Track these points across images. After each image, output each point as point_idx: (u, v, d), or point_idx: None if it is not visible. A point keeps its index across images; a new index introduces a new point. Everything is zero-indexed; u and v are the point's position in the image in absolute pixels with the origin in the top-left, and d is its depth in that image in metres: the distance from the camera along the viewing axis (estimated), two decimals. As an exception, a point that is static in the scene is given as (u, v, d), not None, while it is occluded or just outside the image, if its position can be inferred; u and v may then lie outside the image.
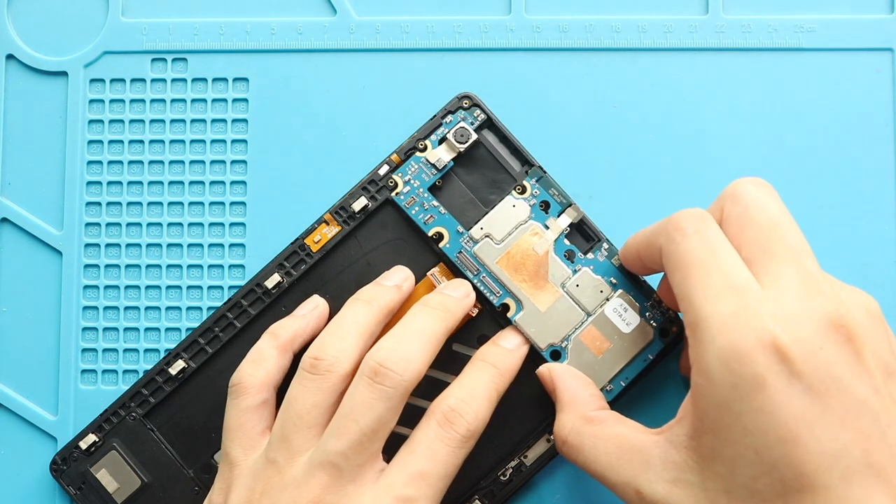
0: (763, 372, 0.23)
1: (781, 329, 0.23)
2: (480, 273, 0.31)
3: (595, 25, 0.33)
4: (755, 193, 0.26)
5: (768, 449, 0.23)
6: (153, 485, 0.32)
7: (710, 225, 0.26)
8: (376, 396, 0.27)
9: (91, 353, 0.33)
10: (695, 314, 0.24)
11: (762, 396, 0.23)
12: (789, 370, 0.23)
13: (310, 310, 0.32)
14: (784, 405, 0.23)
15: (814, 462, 0.22)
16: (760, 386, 0.23)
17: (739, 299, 0.24)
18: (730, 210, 0.26)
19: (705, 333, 0.24)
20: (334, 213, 0.32)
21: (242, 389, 0.29)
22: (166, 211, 0.34)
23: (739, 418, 0.23)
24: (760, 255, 0.25)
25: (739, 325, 0.23)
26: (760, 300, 0.24)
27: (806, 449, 0.22)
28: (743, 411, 0.23)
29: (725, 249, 0.25)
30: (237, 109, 0.34)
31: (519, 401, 0.31)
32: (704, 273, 0.25)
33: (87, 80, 0.34)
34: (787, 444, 0.22)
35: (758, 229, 0.25)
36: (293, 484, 0.27)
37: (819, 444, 0.22)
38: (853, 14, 0.33)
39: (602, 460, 0.27)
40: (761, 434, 0.23)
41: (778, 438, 0.23)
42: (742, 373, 0.23)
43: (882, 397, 0.23)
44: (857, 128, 0.33)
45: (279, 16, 0.34)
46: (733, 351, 0.23)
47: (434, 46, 0.34)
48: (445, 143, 0.32)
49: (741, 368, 0.23)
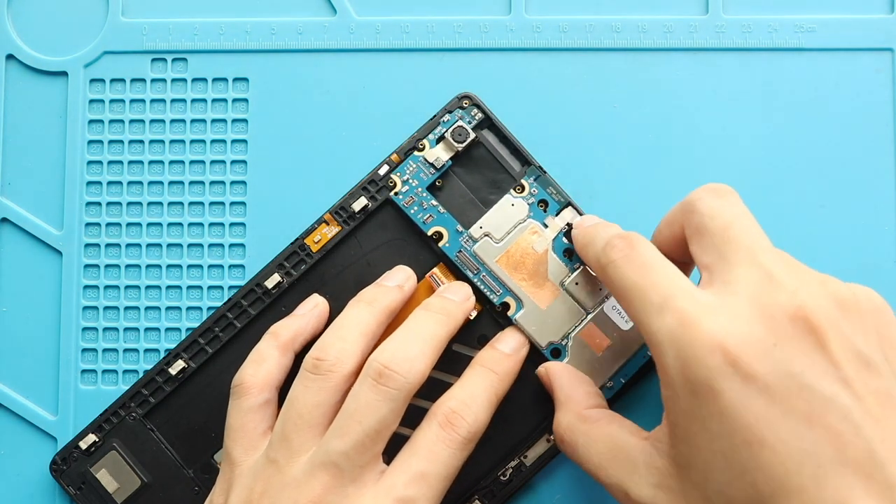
0: (715, 377, 0.22)
1: (727, 332, 0.23)
2: (480, 272, 0.31)
3: (595, 25, 0.33)
4: (708, 201, 0.26)
5: (735, 453, 0.22)
6: (153, 485, 0.32)
7: (637, 245, 0.26)
8: (380, 398, 0.27)
9: (91, 353, 0.33)
10: (645, 333, 0.25)
11: (719, 402, 0.22)
12: (742, 373, 0.22)
13: (310, 309, 0.32)
14: (742, 409, 0.22)
15: (782, 464, 0.22)
16: (715, 392, 0.22)
17: (682, 311, 0.23)
18: (688, 222, 0.26)
19: (658, 348, 0.24)
20: (334, 213, 0.32)
21: (244, 390, 0.29)
22: (166, 211, 0.34)
23: (704, 425, 0.23)
24: (716, 261, 0.25)
25: (685, 335, 0.23)
26: (706, 307, 0.23)
27: (773, 451, 0.22)
28: (705, 417, 0.23)
29: (658, 265, 0.25)
30: (237, 109, 0.34)
31: (519, 401, 0.31)
32: (641, 294, 0.25)
33: (87, 80, 0.34)
34: (752, 447, 0.22)
35: (711, 236, 0.25)
36: (293, 484, 0.27)
37: (785, 445, 0.22)
38: (853, 14, 0.33)
39: (594, 460, 0.27)
40: (727, 439, 0.22)
41: (743, 442, 0.22)
42: (695, 380, 0.23)
43: (854, 390, 0.22)
44: (857, 128, 0.33)
45: (279, 16, 0.34)
46: (684, 361, 0.23)
47: (434, 46, 0.34)
48: (443, 141, 0.32)
49: (694, 376, 0.23)
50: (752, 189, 0.32)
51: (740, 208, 0.26)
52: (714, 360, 0.22)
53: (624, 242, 0.26)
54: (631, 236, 0.26)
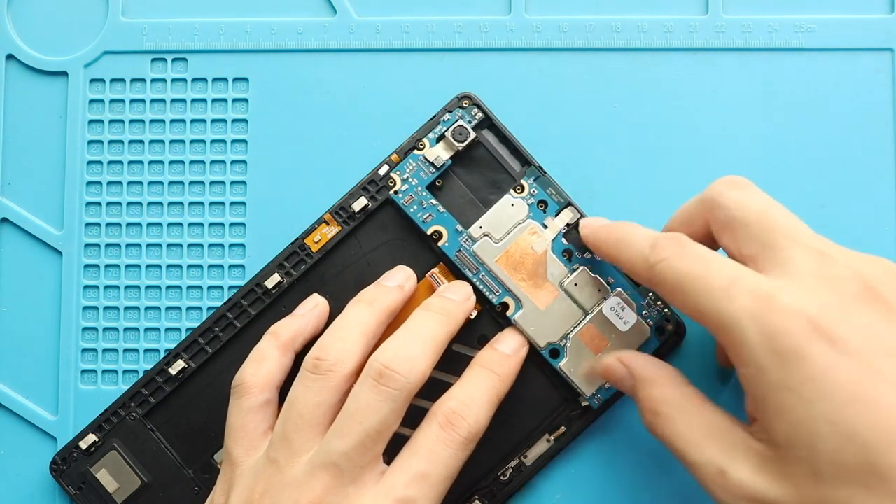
0: (803, 343, 0.23)
1: (804, 302, 0.23)
2: (479, 272, 0.31)
3: (595, 25, 0.33)
4: (731, 195, 0.26)
5: (839, 415, 0.22)
6: (153, 485, 0.32)
7: (687, 242, 0.26)
8: (381, 398, 0.27)
9: (91, 353, 0.33)
10: (718, 319, 0.24)
11: (811, 367, 0.23)
12: (827, 337, 0.23)
13: (310, 309, 0.32)
14: (835, 370, 0.22)
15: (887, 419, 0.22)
16: (804, 357, 0.23)
17: (754, 289, 0.24)
18: (714, 217, 0.26)
19: (735, 330, 0.24)
20: (334, 213, 0.32)
21: (245, 390, 0.29)
22: (166, 211, 0.34)
23: (800, 394, 0.23)
24: (762, 250, 0.25)
25: (765, 309, 0.23)
26: (775, 285, 0.24)
27: (876, 407, 0.22)
28: (800, 385, 0.23)
29: (714, 256, 0.25)
30: (237, 109, 0.34)
31: (519, 401, 0.31)
32: (704, 283, 0.25)
33: (87, 80, 0.34)
34: (856, 406, 0.22)
35: (747, 228, 0.25)
36: (294, 484, 0.27)
37: (886, 398, 0.22)
38: (853, 14, 0.33)
39: (692, 435, 0.26)
40: (827, 402, 0.22)
41: (844, 401, 0.22)
42: (783, 350, 0.23)
43: None
44: (857, 128, 0.33)
45: (279, 16, 0.34)
46: (768, 334, 0.23)
47: (434, 46, 0.34)
48: (443, 141, 0.32)
49: (781, 346, 0.23)
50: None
51: (765, 196, 0.26)
52: (799, 326, 0.23)
53: (672, 241, 0.26)
54: (677, 235, 0.26)
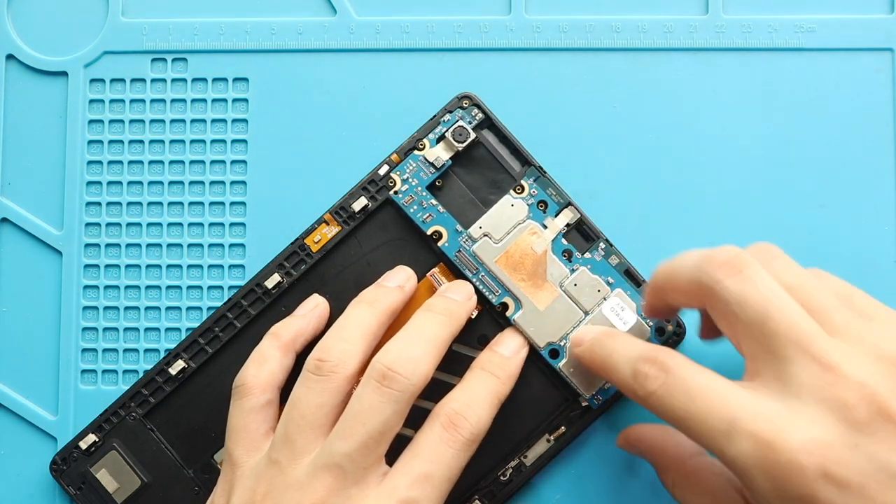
0: (812, 488, 0.22)
1: (808, 443, 0.22)
2: (479, 272, 0.31)
3: (595, 25, 0.33)
4: (729, 286, 0.24)
5: None
6: (153, 485, 0.32)
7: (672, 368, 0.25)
8: (384, 399, 0.27)
9: (91, 353, 0.33)
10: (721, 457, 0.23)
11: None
12: (834, 481, 0.22)
13: (310, 309, 0.32)
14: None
15: None
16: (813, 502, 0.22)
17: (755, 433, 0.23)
18: (711, 306, 0.25)
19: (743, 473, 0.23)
20: (334, 213, 0.32)
21: (246, 390, 0.29)
22: (166, 211, 0.34)
23: None
24: (762, 354, 0.24)
25: (769, 458, 0.22)
26: (777, 421, 0.23)
27: None
28: None
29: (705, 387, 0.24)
30: (237, 109, 0.34)
31: (519, 401, 0.31)
32: (700, 423, 0.24)
33: (87, 80, 0.34)
34: None
35: (747, 327, 0.24)
36: (296, 485, 0.27)
37: None
38: (853, 14, 0.33)
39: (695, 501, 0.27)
40: None
41: None
42: (793, 497, 0.22)
43: None
44: (857, 128, 0.33)
45: (279, 16, 0.34)
46: (775, 482, 0.22)
47: (434, 46, 0.34)
48: (444, 141, 0.32)
49: (789, 494, 0.22)
50: (753, 189, 0.32)
51: (767, 286, 0.24)
52: (806, 476, 0.22)
53: (655, 369, 0.25)
54: (660, 357, 0.25)
